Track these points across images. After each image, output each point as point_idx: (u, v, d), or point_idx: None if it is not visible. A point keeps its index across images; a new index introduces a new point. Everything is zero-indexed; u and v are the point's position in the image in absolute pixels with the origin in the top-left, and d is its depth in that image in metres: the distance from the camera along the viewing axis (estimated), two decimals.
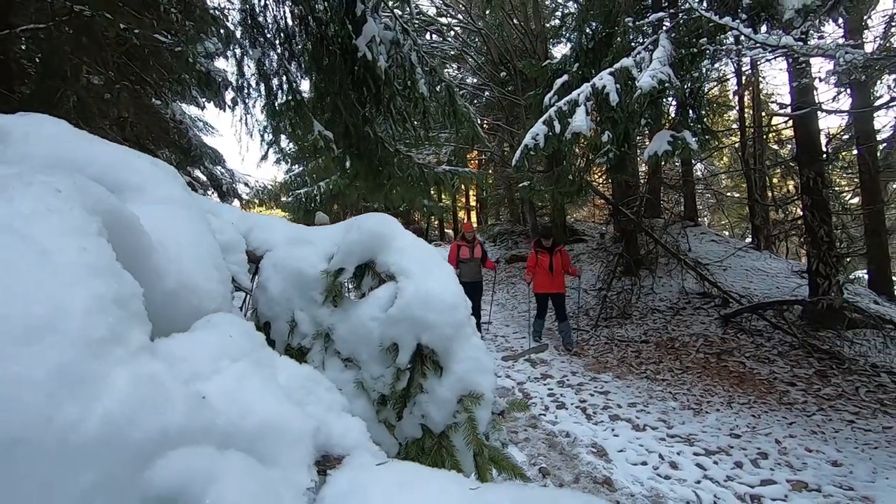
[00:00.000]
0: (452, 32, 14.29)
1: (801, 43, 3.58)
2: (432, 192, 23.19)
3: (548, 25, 12.88)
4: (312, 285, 1.32)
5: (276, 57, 3.12)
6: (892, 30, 11.82)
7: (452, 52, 14.85)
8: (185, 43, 3.38)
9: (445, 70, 16.49)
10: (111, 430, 0.53)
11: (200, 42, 5.71)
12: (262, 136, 3.95)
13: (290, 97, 3.14)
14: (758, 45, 3.50)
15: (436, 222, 24.25)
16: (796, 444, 4.65)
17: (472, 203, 23.86)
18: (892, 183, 15.09)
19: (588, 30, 7.26)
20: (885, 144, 14.18)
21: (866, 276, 11.67)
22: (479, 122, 15.44)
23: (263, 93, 3.19)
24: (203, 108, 11.29)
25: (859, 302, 7.71)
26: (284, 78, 3.22)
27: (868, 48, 9.65)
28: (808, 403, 5.48)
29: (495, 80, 12.98)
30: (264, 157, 11.11)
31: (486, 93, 14.33)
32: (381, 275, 1.28)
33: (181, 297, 0.93)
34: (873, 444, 4.55)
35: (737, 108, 12.09)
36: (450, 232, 24.21)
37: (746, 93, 11.55)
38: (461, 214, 25.03)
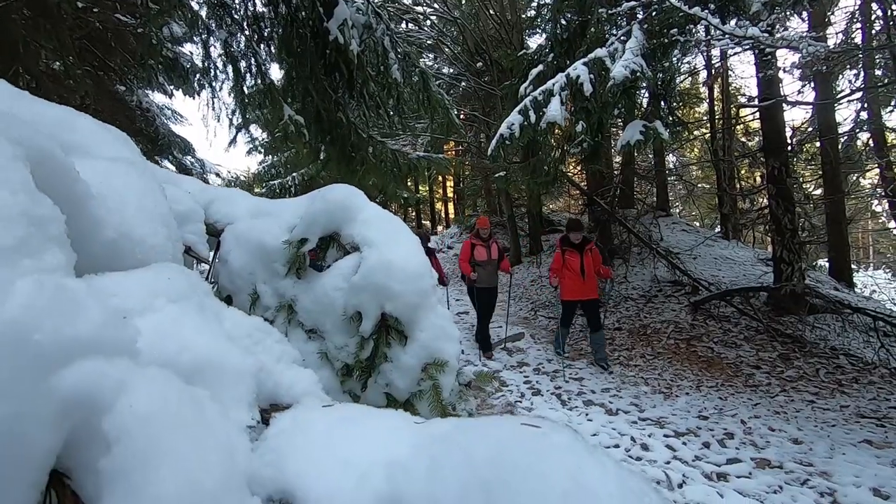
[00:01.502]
0: (429, 22, 14.16)
1: (766, 34, 3.68)
2: (409, 183, 23.09)
3: (523, 16, 12.89)
4: (275, 257, 1.29)
5: (244, 39, 3.03)
6: (854, 26, 12.22)
7: (429, 42, 14.72)
8: (147, 23, 3.24)
9: (422, 59, 16.36)
10: (10, 332, 0.51)
11: (166, 25, 5.51)
12: (230, 119, 3.86)
13: (258, 80, 3.06)
14: (726, 35, 3.58)
15: (413, 213, 24.15)
16: (760, 423, 4.83)
17: (450, 194, 23.85)
18: (852, 175, 15.71)
19: (563, 20, 7.29)
20: (845, 138, 14.72)
21: (827, 265, 12.15)
22: (455, 112, 15.42)
23: (231, 75, 3.10)
24: (171, 95, 10.92)
25: (820, 288, 8.02)
26: (253, 60, 3.12)
27: (831, 43, 9.96)
28: (771, 385, 5.70)
29: (471, 71, 12.94)
30: (233, 142, 10.81)
31: (463, 83, 14.28)
32: (346, 247, 1.26)
33: (123, 248, 0.90)
34: (831, 422, 4.77)
35: (707, 100, 12.37)
36: (427, 223, 24.14)
37: (716, 86, 11.81)
38: (438, 206, 25.00)
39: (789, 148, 7.68)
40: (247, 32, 2.96)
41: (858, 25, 11.72)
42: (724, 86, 11.50)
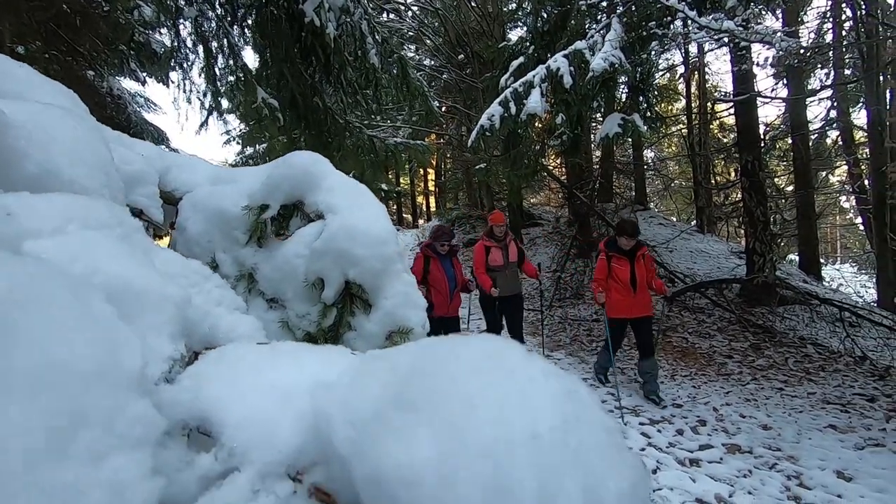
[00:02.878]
0: (410, 13, 14.04)
1: (741, 28, 3.74)
2: (390, 175, 22.96)
3: (505, 8, 12.87)
4: (235, 224, 1.25)
5: (215, 19, 2.93)
6: (826, 26, 12.54)
7: (410, 34, 14.60)
8: (115, 2, 3.12)
9: (403, 51, 16.22)
10: None
11: (136, 8, 5.33)
12: (201, 101, 3.74)
13: (231, 61, 2.97)
14: (702, 29, 3.63)
15: (394, 206, 24.02)
16: (732, 411, 4.96)
17: (431, 187, 23.79)
18: (822, 171, 16.20)
19: (543, 13, 7.30)
20: (816, 135, 15.15)
21: (797, 258, 12.52)
22: (436, 104, 15.35)
23: (202, 55, 3.00)
24: (144, 83, 10.60)
25: (790, 280, 8.26)
26: (225, 41, 3.03)
27: (803, 42, 10.20)
28: (743, 374, 5.85)
29: (453, 63, 12.88)
30: (204, 124, 10.50)
31: (445, 75, 14.22)
32: (310, 215, 1.23)
33: (48, 185, 0.85)
34: (799, 409, 4.92)
35: (684, 96, 12.56)
36: (408, 217, 24.04)
37: (693, 82, 11.99)
38: (420, 199, 24.91)
39: (762, 143, 7.85)
40: (218, 11, 2.87)
41: (830, 25, 12.04)
42: (701, 81, 11.70)
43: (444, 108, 15.93)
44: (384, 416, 0.52)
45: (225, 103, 4.26)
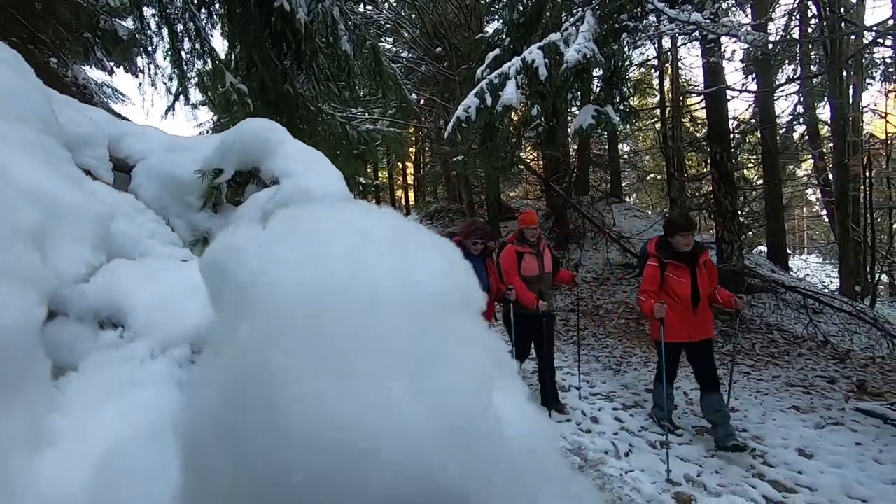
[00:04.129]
0: (387, 4, 13.91)
1: (709, 21, 3.84)
2: (368, 169, 22.76)
3: (482, 1, 12.86)
4: (188, 190, 1.24)
5: (180, 1, 2.86)
6: (793, 23, 12.89)
7: (387, 25, 14.47)
8: None
9: (381, 42, 16.07)
10: None
11: None
12: (166, 85, 3.64)
13: (198, 45, 2.90)
14: (671, 20, 3.71)
15: (372, 201, 23.89)
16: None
17: (410, 181, 23.70)
18: (789, 164, 16.73)
19: (520, 5, 7.32)
20: (783, 129, 15.60)
21: (765, 249, 12.92)
22: (414, 97, 15.27)
23: (167, 38, 2.92)
24: (112, 72, 10.26)
25: (758, 269, 8.53)
26: (192, 25, 2.94)
27: (771, 38, 10.48)
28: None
29: (430, 55, 12.83)
30: (171, 109, 10.19)
31: (423, 68, 14.15)
32: (266, 182, 1.23)
33: None
34: (764, 392, 5.11)
35: (658, 91, 12.78)
36: None
37: (667, 77, 12.20)
38: (398, 193, 24.79)
39: (732, 136, 8.06)
40: None
41: (796, 23, 12.39)
42: (674, 76, 11.92)
43: (422, 102, 15.88)
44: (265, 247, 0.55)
45: (195, 95, 4.18)
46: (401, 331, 0.36)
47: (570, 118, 12.06)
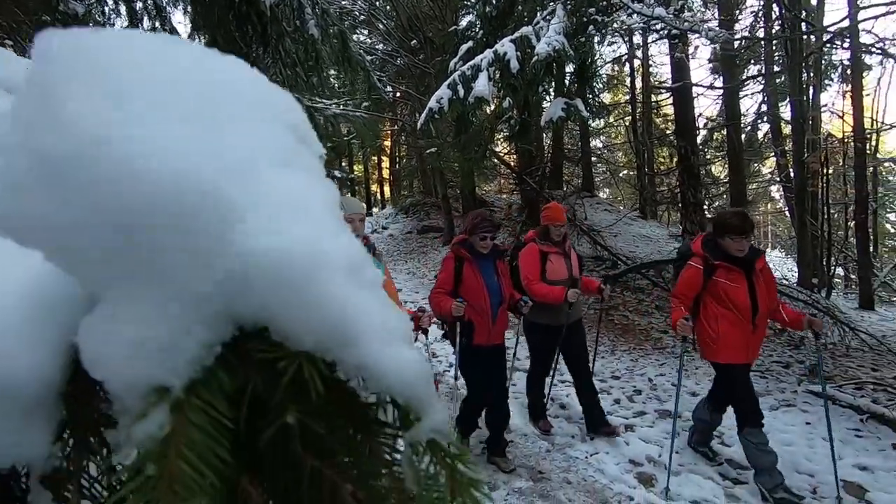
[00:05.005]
0: None
1: (672, 16, 3.96)
2: (343, 163, 22.56)
3: None
4: None
5: None
6: (759, 24, 13.32)
7: (362, 17, 14.34)
8: None
9: (355, 35, 15.94)
10: None
11: None
12: None
13: (157, 23, 2.83)
14: (636, 13, 3.82)
15: (347, 195, 23.69)
16: (665, 381, 5.29)
17: (386, 175, 23.59)
18: (754, 162, 17.33)
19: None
20: (748, 128, 16.12)
21: None
22: (389, 90, 15.19)
23: (125, 14, 2.83)
24: None
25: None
26: (151, 2, 2.87)
27: (737, 38, 10.83)
28: (676, 347, 6.23)
29: (405, 48, 12.78)
30: None
31: (399, 60, 14.09)
32: None
33: None
34: None
35: (629, 88, 13.04)
36: (362, 205, 23.74)
37: (638, 74, 12.45)
38: (374, 187, 24.64)
39: (697, 131, 8.30)
40: None
41: (762, 23, 12.81)
42: (645, 73, 12.17)
43: (397, 94, 15.82)
44: None
45: None
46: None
47: (542, 111, 12.22)
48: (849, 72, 12.71)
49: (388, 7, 13.60)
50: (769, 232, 25.46)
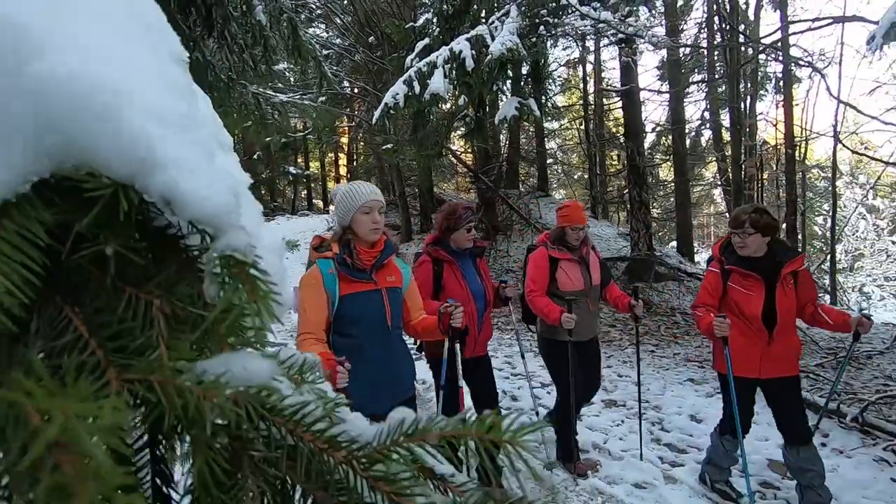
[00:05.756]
0: None
1: (617, 20, 4.13)
2: (299, 159, 22.07)
3: None
4: None
5: None
6: (701, 34, 14.03)
7: (319, 11, 14.08)
8: None
9: (312, 28, 15.63)
10: None
11: None
12: None
13: None
14: (583, 17, 3.96)
15: (303, 192, 23.16)
16: (612, 372, 5.50)
17: (343, 172, 23.24)
18: (698, 166, 18.27)
19: None
20: (692, 133, 16.95)
21: (675, 244, 14.00)
22: (346, 86, 15.00)
23: None
24: None
25: (667, 260, 9.25)
26: None
27: (677, 44, 11.39)
28: (622, 340, 6.49)
29: (362, 43, 12.65)
30: None
31: (357, 56, 13.92)
32: None
33: None
34: (665, 367, 5.58)
35: (582, 91, 13.43)
36: (318, 202, 23.31)
37: (592, 78, 12.82)
38: (331, 185, 24.21)
39: (644, 134, 8.67)
40: None
41: (705, 34, 13.51)
42: (597, 75, 12.57)
43: (355, 90, 15.62)
44: None
45: None
46: None
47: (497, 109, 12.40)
48: (781, 83, 13.64)
49: (345, 1, 13.41)
50: (712, 233, 26.90)
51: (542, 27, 4.77)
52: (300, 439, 0.31)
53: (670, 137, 13.90)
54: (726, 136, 15.78)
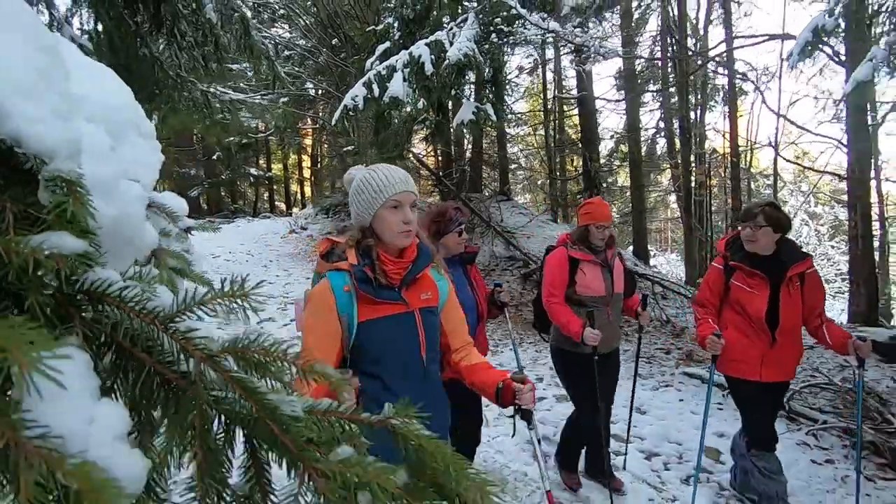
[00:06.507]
0: None
1: (565, 30, 4.34)
2: (261, 161, 21.64)
3: None
4: None
5: None
6: (656, 46, 14.65)
7: (282, 11, 13.94)
8: None
9: (274, 28, 15.43)
10: None
11: None
12: None
13: None
14: (532, 25, 4.14)
15: (265, 194, 22.73)
16: None
17: (307, 175, 22.94)
18: (654, 172, 19.01)
19: (410, 2, 7.52)
20: (648, 140, 17.61)
21: (632, 247, 14.51)
22: (310, 87, 14.87)
23: None
24: None
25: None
26: None
27: (639, 62, 11.90)
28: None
29: (326, 45, 12.60)
30: None
31: (321, 58, 13.83)
32: None
33: None
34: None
35: (541, 98, 13.79)
36: (281, 205, 22.91)
37: (551, 86, 13.18)
38: (294, 187, 23.86)
39: (600, 141, 8.98)
40: None
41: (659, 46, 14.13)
42: (558, 83, 12.93)
43: (319, 92, 15.48)
44: None
45: None
46: None
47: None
48: (728, 95, 14.41)
49: (308, 2, 13.33)
50: (668, 237, 27.97)
51: (494, 35, 4.93)
52: (121, 310, 0.45)
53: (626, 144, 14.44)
54: (678, 143, 16.59)
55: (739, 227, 2.66)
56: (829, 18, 2.90)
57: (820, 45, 3.18)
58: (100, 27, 2.43)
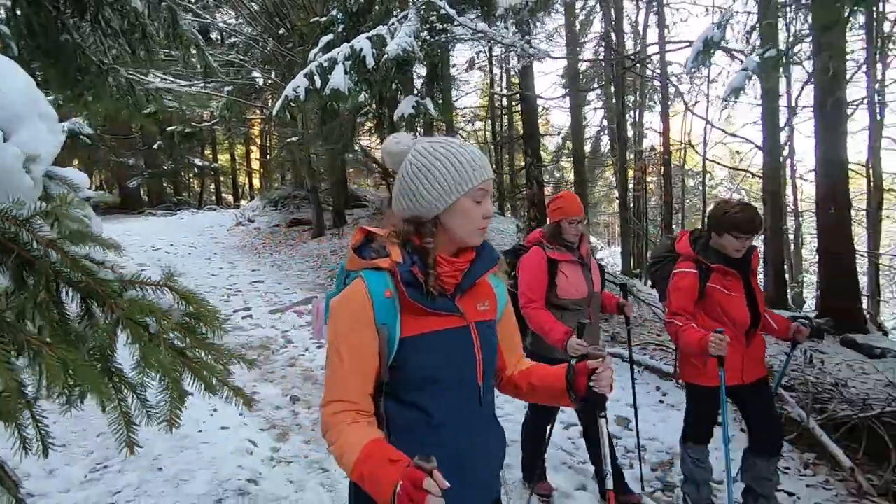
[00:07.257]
0: None
1: (493, 31, 4.59)
2: (206, 151, 20.93)
3: None
4: None
5: None
6: (600, 48, 15.27)
7: None
8: None
9: (218, 14, 14.98)
10: None
11: None
12: None
13: None
14: (460, 25, 4.36)
15: (211, 186, 22.01)
16: None
17: (256, 166, 22.39)
18: (598, 168, 19.84)
19: None
20: (593, 138, 18.35)
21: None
22: (257, 76, 14.54)
23: None
24: None
25: None
26: None
27: (584, 64, 12.42)
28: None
29: (272, 34, 12.39)
30: None
31: (268, 47, 13.56)
32: None
33: None
34: None
35: (487, 93, 14.12)
36: (228, 197, 22.25)
37: (497, 82, 13.51)
38: (242, 179, 23.24)
39: (541, 137, 9.37)
40: None
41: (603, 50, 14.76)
42: (508, 79, 13.27)
43: (267, 82, 15.17)
44: None
45: None
46: None
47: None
48: (666, 97, 15.26)
49: None
50: (616, 231, 29.28)
51: (426, 32, 5.13)
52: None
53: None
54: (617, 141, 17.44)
55: (735, 237, 2.42)
56: (717, 31, 3.32)
57: (711, 54, 3.61)
58: (17, 12, 2.43)
